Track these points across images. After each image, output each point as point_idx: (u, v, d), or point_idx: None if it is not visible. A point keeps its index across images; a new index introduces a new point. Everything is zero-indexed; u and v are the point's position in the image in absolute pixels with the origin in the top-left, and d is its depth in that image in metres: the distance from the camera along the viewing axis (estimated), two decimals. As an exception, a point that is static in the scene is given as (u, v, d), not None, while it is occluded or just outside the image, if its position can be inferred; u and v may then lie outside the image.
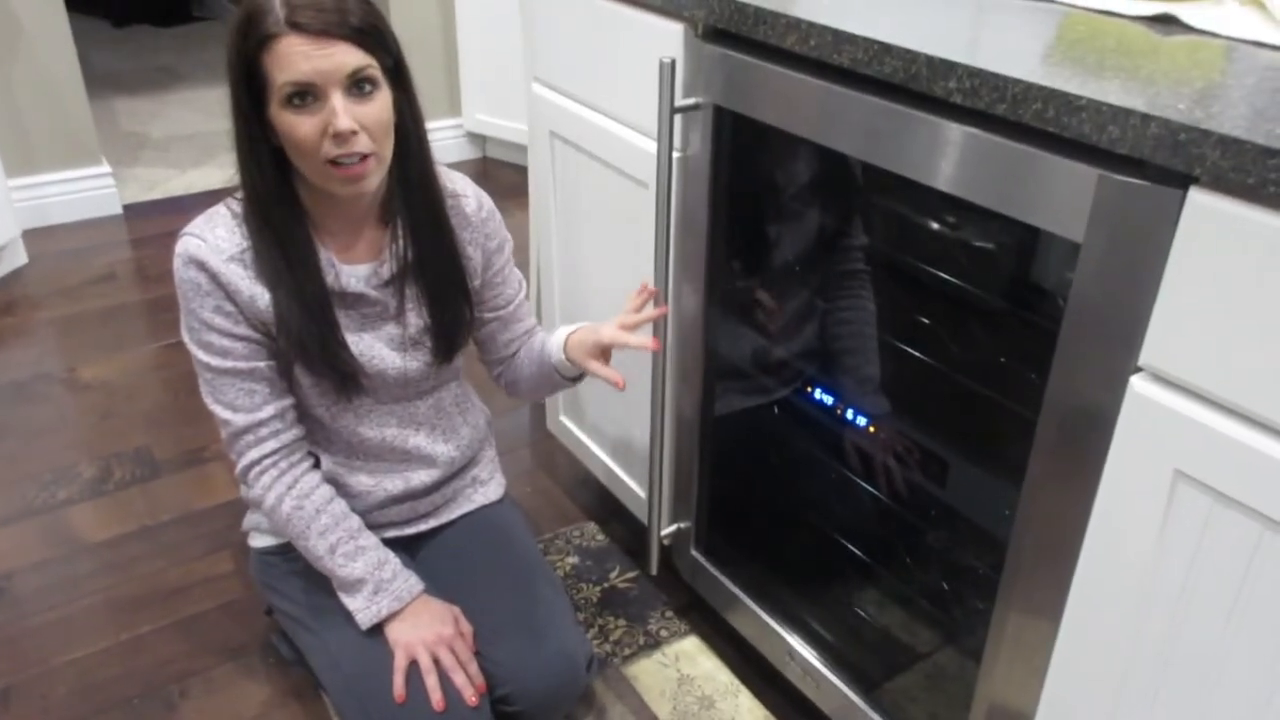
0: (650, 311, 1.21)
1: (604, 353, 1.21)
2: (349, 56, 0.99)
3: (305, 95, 0.99)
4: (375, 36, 1.02)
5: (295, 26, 0.97)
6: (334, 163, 1.02)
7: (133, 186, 2.96)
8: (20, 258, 2.55)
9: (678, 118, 1.17)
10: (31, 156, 2.66)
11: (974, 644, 1.08)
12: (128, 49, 4.29)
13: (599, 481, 1.69)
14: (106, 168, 2.80)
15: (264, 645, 1.45)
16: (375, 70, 1.02)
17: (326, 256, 1.11)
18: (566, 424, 1.72)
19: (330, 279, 1.11)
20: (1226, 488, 0.73)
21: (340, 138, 1.00)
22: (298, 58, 0.97)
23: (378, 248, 1.15)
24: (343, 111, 0.99)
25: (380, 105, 1.03)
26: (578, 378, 1.28)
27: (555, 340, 1.26)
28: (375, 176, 1.06)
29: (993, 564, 0.98)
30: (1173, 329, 0.74)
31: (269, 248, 1.08)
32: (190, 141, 3.32)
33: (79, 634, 1.48)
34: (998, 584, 0.95)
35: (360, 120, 1.01)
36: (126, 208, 2.84)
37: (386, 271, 1.14)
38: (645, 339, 1.19)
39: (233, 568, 1.60)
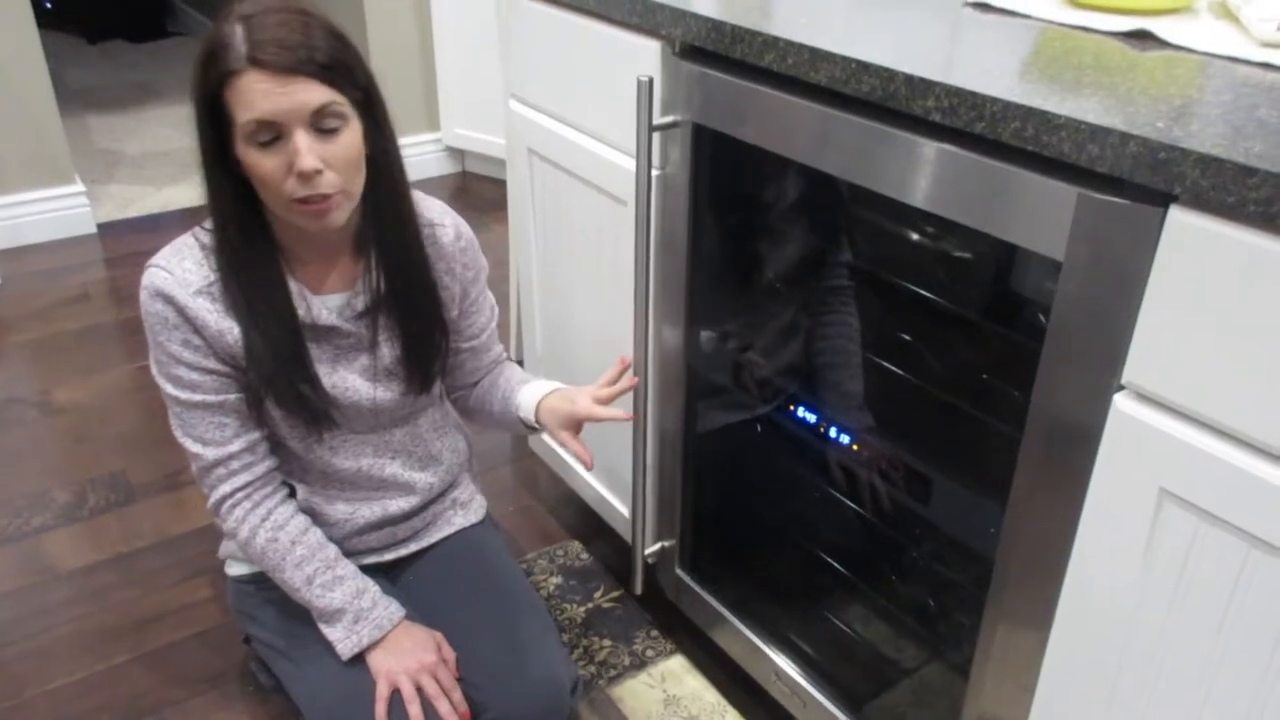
0: (624, 383, 1.20)
1: (576, 423, 1.21)
2: (312, 94, 0.96)
3: (268, 133, 0.96)
4: (341, 71, 0.98)
5: (257, 63, 0.94)
6: (300, 200, 0.99)
7: (107, 205, 2.93)
8: (-8, 279, 2.52)
9: (656, 135, 1.17)
10: (3, 175, 2.63)
11: (960, 659, 1.07)
12: (102, 65, 4.25)
13: (582, 500, 1.68)
14: (80, 186, 2.76)
15: (242, 674, 1.43)
16: (342, 106, 0.99)
17: (298, 288, 1.09)
18: (549, 442, 1.71)
19: (302, 312, 1.09)
20: (1212, 506, 0.73)
21: (304, 177, 0.97)
22: (258, 95, 0.94)
23: (351, 278, 1.13)
24: (306, 151, 0.96)
25: (347, 141, 1.00)
26: (538, 430, 1.28)
27: (527, 397, 1.26)
28: (343, 211, 1.03)
29: (979, 580, 0.97)
30: (1155, 347, 0.74)
31: (238, 282, 1.05)
32: (166, 158, 3.29)
33: (53, 664, 1.45)
34: (984, 600, 0.95)
35: (326, 158, 0.98)
36: (101, 226, 2.81)
37: (360, 303, 1.12)
38: (619, 411, 1.20)
39: (210, 595, 1.57)
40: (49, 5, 4.46)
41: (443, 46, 3.03)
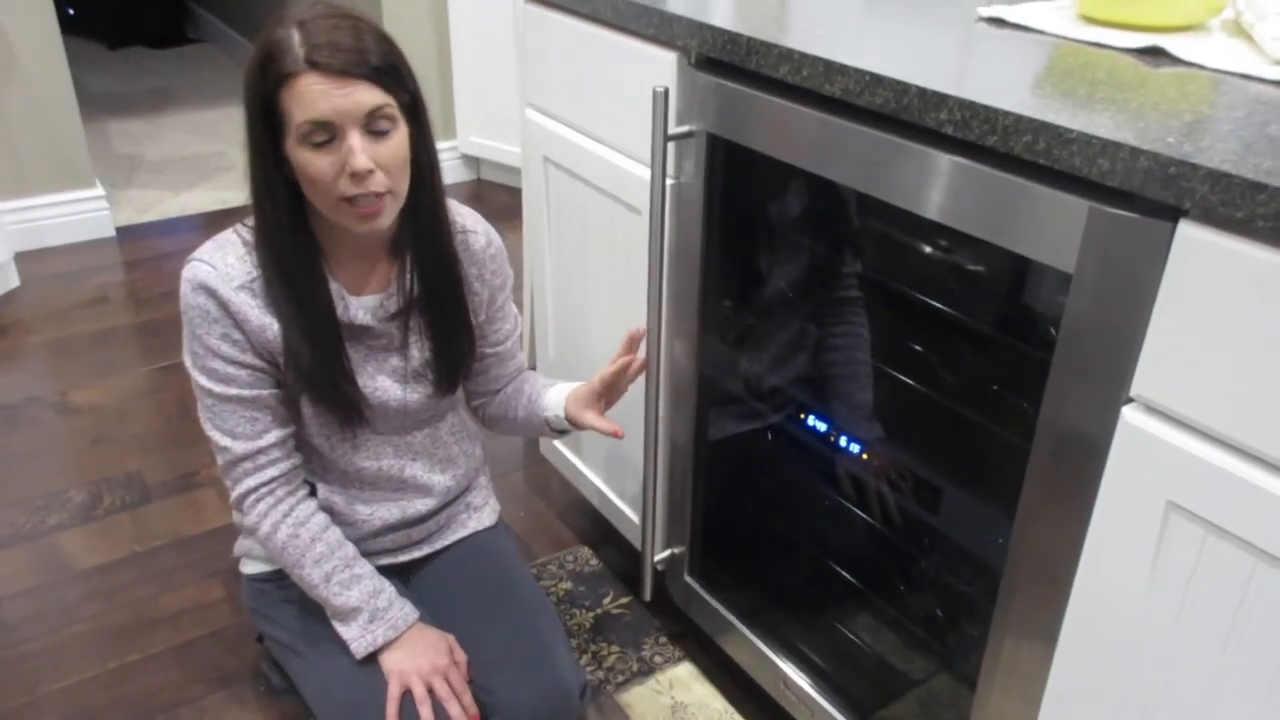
0: (632, 335, 1.23)
1: (599, 402, 1.24)
2: (367, 96, 0.99)
3: (323, 133, 0.99)
4: (394, 75, 1.02)
5: (315, 65, 0.97)
6: (349, 200, 1.02)
7: (126, 209, 2.96)
8: (12, 280, 2.54)
9: (671, 145, 1.18)
10: (24, 179, 2.67)
11: (968, 670, 1.07)
12: (122, 71, 4.30)
13: (592, 506, 1.68)
14: (100, 190, 2.80)
15: (255, 673, 1.44)
16: (393, 109, 1.02)
17: (336, 288, 1.11)
18: (559, 448, 1.72)
19: (339, 311, 1.11)
20: (1219, 519, 0.73)
21: (357, 177, 1.00)
22: (316, 96, 0.97)
23: (386, 280, 1.15)
24: (360, 151, 0.99)
25: (397, 143, 1.03)
26: (565, 431, 1.31)
27: (554, 397, 1.28)
28: (390, 213, 1.06)
29: (987, 591, 0.98)
30: (1164, 361, 0.74)
31: (279, 279, 1.07)
32: (185, 163, 3.32)
33: (68, 662, 1.47)
34: (992, 611, 0.95)
35: (377, 159, 1.01)
36: (120, 230, 2.84)
37: (393, 304, 1.15)
38: (631, 357, 1.22)
39: (223, 594, 1.59)
40: (71, 11, 4.51)
41: (459, 55, 3.05)
